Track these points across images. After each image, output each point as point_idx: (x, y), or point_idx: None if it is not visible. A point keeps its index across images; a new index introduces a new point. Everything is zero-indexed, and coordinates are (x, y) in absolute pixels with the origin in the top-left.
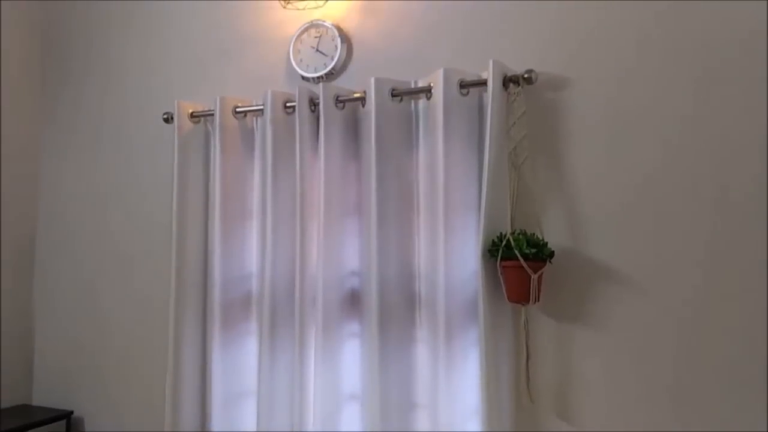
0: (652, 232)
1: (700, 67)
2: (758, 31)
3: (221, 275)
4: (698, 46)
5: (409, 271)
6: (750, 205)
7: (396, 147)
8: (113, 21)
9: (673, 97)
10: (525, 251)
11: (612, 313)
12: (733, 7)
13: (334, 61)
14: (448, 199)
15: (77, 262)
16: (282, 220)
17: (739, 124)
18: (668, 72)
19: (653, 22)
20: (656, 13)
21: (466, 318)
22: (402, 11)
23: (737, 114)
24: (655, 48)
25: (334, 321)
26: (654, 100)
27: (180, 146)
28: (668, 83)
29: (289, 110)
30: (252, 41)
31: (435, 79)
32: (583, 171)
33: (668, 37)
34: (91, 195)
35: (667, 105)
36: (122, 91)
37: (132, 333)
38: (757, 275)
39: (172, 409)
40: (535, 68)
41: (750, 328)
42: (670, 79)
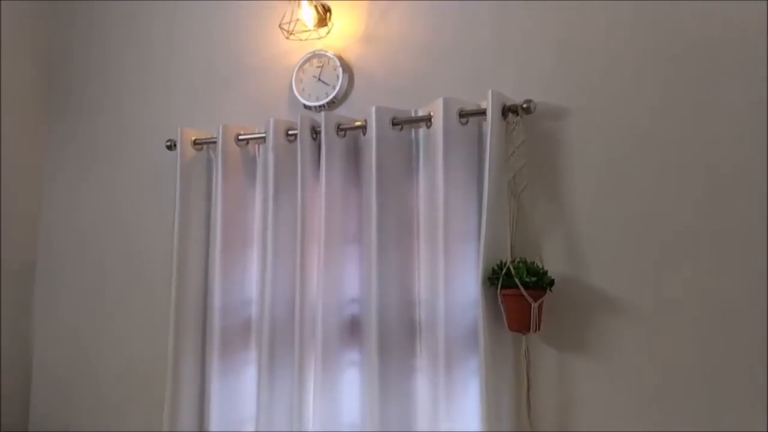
0: (652, 261)
1: (698, 96)
2: (759, 59)
3: (221, 302)
4: (696, 76)
5: (409, 298)
6: (751, 233)
7: (396, 175)
8: (117, 48)
9: (671, 126)
10: (525, 279)
11: (613, 342)
12: (733, 39)
13: (335, 91)
14: (448, 227)
15: (77, 287)
16: (282, 247)
17: (738, 153)
18: (666, 101)
19: (651, 52)
20: (654, 43)
21: (466, 346)
22: (402, 42)
23: (737, 142)
24: (653, 78)
25: (334, 349)
26: (652, 130)
27: (182, 173)
28: (666, 112)
29: (291, 138)
30: (255, 70)
31: (435, 109)
32: (583, 199)
33: (666, 67)
34: (92, 220)
35: (666, 134)
36: (125, 118)
37: (130, 360)
38: (758, 304)
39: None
40: (534, 98)
41: (751, 357)
42: (668, 108)
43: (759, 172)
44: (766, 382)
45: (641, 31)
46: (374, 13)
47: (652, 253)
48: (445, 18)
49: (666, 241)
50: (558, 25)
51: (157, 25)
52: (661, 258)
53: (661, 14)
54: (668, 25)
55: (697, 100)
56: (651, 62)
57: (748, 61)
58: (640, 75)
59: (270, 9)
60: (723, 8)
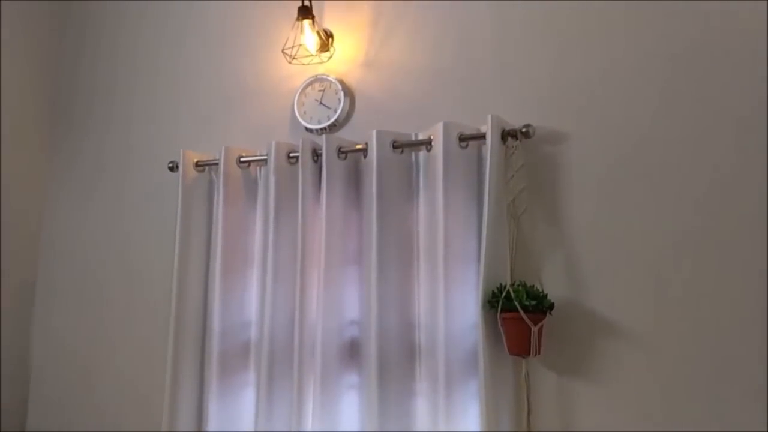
0: (652, 285)
1: (695, 121)
2: (758, 87)
3: (220, 323)
4: (695, 100)
5: (409, 321)
6: (751, 258)
7: (397, 197)
8: (122, 70)
9: (668, 151)
10: (525, 303)
11: (613, 366)
12: (734, 63)
13: (337, 114)
14: (448, 250)
15: (77, 306)
16: (283, 269)
17: (738, 177)
18: (663, 126)
19: (648, 78)
20: (652, 67)
21: (466, 370)
22: (403, 67)
23: (735, 168)
24: (651, 102)
25: (333, 372)
26: (650, 154)
27: (184, 194)
28: (664, 138)
29: (293, 160)
30: (258, 94)
31: (435, 132)
32: (582, 223)
33: (664, 90)
34: (94, 240)
35: (663, 158)
36: (129, 139)
37: (129, 381)
38: (759, 328)
39: None
40: (533, 122)
41: (752, 380)
42: (665, 133)
43: (758, 201)
44: (766, 406)
45: (638, 57)
46: (375, 39)
47: (652, 277)
48: (445, 44)
49: (666, 265)
50: (556, 51)
51: (163, 48)
52: (660, 282)
53: (658, 41)
54: (665, 50)
55: (695, 125)
56: (648, 88)
57: (747, 90)
58: (637, 101)
59: (273, 34)
60: (722, 37)
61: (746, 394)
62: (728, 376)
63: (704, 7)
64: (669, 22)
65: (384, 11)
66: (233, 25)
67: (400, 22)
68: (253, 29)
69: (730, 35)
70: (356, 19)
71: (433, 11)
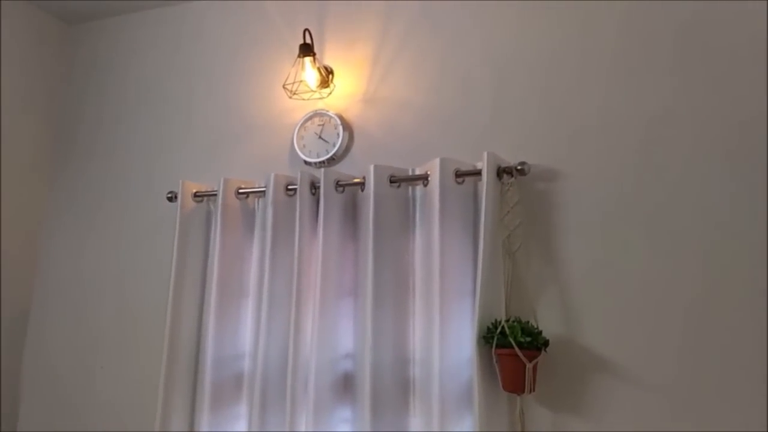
0: (646, 322)
1: (693, 159)
2: (757, 122)
3: (213, 354)
4: (691, 139)
5: (404, 355)
6: (748, 295)
7: (393, 231)
8: (123, 101)
9: (664, 188)
10: (520, 339)
11: (607, 404)
12: (732, 100)
13: (335, 148)
14: (444, 284)
15: (69, 337)
16: (278, 301)
17: (735, 216)
18: (660, 163)
19: (644, 115)
20: (647, 106)
21: (460, 405)
22: (401, 103)
23: (733, 204)
24: (646, 140)
25: (326, 406)
26: (645, 192)
27: (181, 224)
28: (660, 174)
29: (291, 193)
30: (258, 127)
31: (432, 168)
32: (577, 260)
33: (660, 129)
34: (89, 270)
35: (659, 196)
36: (127, 169)
37: (119, 412)
38: (755, 367)
39: None
40: (528, 160)
41: (749, 419)
42: (662, 170)
43: (756, 240)
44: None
45: (634, 96)
46: (375, 76)
47: (646, 314)
48: (443, 82)
49: (660, 302)
50: (552, 89)
51: (164, 79)
52: (654, 320)
53: (654, 80)
54: (662, 89)
55: (690, 164)
56: (643, 127)
57: (745, 127)
58: (631, 140)
59: (275, 69)
60: (720, 75)
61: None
62: (723, 414)
63: (704, 45)
64: (666, 61)
65: (383, 49)
66: (236, 60)
67: (399, 59)
68: (255, 64)
69: (728, 73)
70: (356, 56)
71: (432, 50)
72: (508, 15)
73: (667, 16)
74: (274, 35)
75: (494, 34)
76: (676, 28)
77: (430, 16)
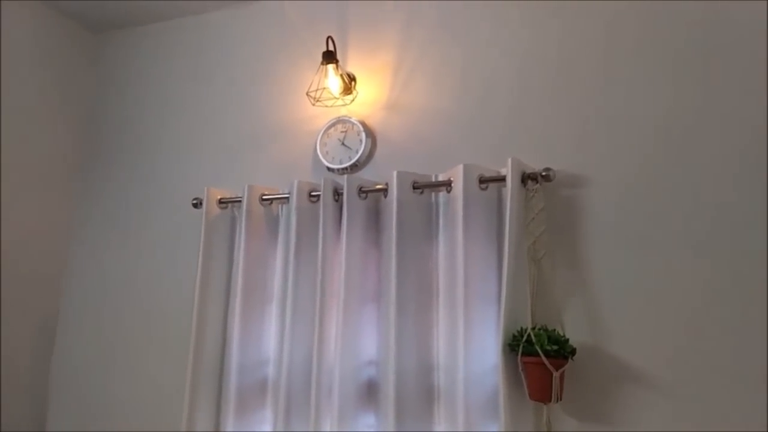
0: (676, 331)
1: (723, 163)
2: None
3: (238, 359)
4: (721, 143)
5: (428, 362)
6: None
7: (416, 237)
8: (149, 109)
9: (693, 193)
10: (546, 348)
11: (636, 414)
12: (761, 94)
13: (358, 154)
14: (468, 291)
15: (98, 339)
16: (302, 307)
17: (764, 219)
18: (687, 168)
19: (671, 120)
20: (674, 110)
21: (486, 414)
22: (424, 110)
23: (762, 208)
24: (673, 145)
25: (350, 413)
26: (673, 197)
27: (206, 230)
28: (688, 179)
29: (314, 199)
30: (282, 134)
31: (455, 174)
32: (604, 267)
33: (687, 133)
34: (116, 274)
35: (688, 201)
36: (154, 177)
37: (145, 416)
38: None
39: None
40: (553, 166)
41: None
42: (689, 175)
43: None
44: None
45: (660, 101)
46: (397, 83)
47: (676, 322)
48: (466, 87)
49: (689, 310)
50: (577, 95)
51: (190, 87)
52: (684, 328)
53: (681, 85)
54: (688, 94)
55: (720, 168)
56: (671, 131)
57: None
58: (658, 144)
59: (298, 76)
60: (748, 77)
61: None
62: (753, 424)
63: (731, 45)
64: (692, 62)
65: (406, 56)
66: (260, 67)
67: (422, 66)
68: (278, 72)
69: (757, 73)
70: (379, 63)
71: (453, 55)
72: (529, 19)
73: (691, 16)
74: (298, 43)
75: (516, 39)
76: (701, 28)
77: (452, 22)
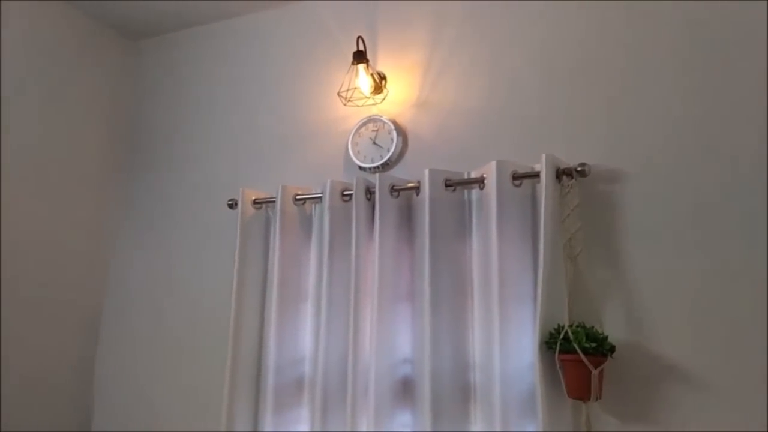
0: (716, 327)
1: (764, 155)
2: None
3: (275, 358)
4: (761, 136)
5: (463, 360)
6: None
7: (449, 235)
8: (185, 113)
9: (734, 186)
10: (584, 345)
11: (678, 412)
12: None
13: (389, 153)
14: (503, 288)
15: (139, 340)
16: (336, 305)
17: None
18: (726, 160)
19: (710, 113)
20: (714, 103)
21: (523, 412)
22: (454, 107)
23: None
24: (711, 138)
25: (386, 411)
26: (714, 191)
27: (242, 231)
28: (728, 171)
29: (346, 198)
30: (314, 134)
31: (488, 171)
32: (642, 263)
33: (727, 127)
34: (156, 277)
35: (727, 193)
36: (190, 179)
37: (186, 415)
38: None
39: None
40: (588, 161)
41: None
42: (729, 168)
43: None
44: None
45: (698, 93)
46: (427, 81)
47: (718, 319)
48: (496, 84)
49: (731, 306)
50: (612, 88)
51: (223, 91)
52: (725, 324)
53: (721, 77)
54: (729, 86)
55: (760, 160)
56: (710, 124)
57: None
58: (696, 137)
59: (329, 78)
60: None
61: None
62: None
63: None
64: (732, 57)
65: (436, 54)
66: (292, 69)
67: (451, 63)
68: (310, 73)
69: None
70: (409, 61)
71: (483, 52)
72: (558, 14)
73: (729, 7)
74: (329, 43)
75: (546, 34)
76: (742, 19)
77: (481, 19)
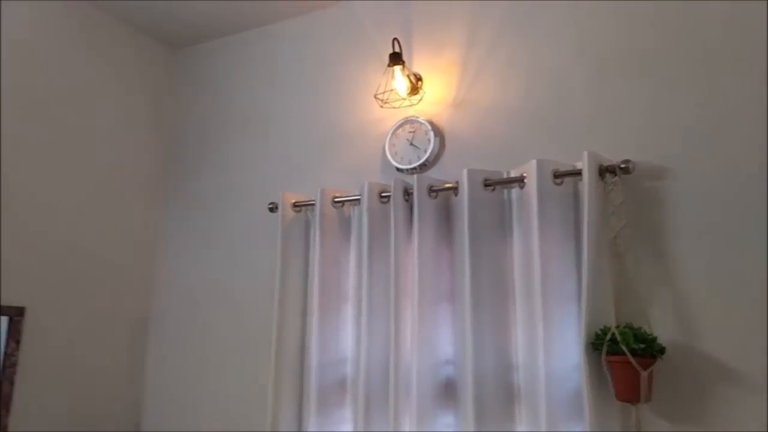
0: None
1: None
2: None
3: (318, 359)
4: None
5: (507, 361)
6: None
7: (489, 235)
8: (228, 119)
9: None
10: (633, 346)
11: (730, 414)
12: None
13: (427, 154)
14: (546, 288)
15: (186, 343)
16: (377, 306)
17: None
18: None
19: (756, 106)
20: (753, 96)
21: (569, 414)
22: (491, 106)
23: None
24: (759, 133)
25: (429, 412)
26: (760, 186)
27: (283, 233)
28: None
29: (385, 200)
30: (351, 137)
31: (528, 170)
32: (691, 261)
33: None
34: (201, 280)
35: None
36: (233, 184)
37: (232, 415)
38: None
39: None
40: (632, 157)
41: None
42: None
43: None
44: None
45: (743, 87)
46: (464, 81)
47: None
48: (535, 82)
49: None
50: (654, 84)
51: (263, 96)
52: None
53: (764, 71)
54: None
55: None
56: (756, 120)
57: None
58: (742, 132)
59: (365, 80)
60: None
61: None
62: None
63: None
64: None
65: (472, 53)
66: (329, 72)
67: (489, 62)
68: (347, 77)
69: None
70: (445, 61)
71: (522, 50)
72: (597, 10)
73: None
74: (365, 45)
75: (587, 30)
76: None
77: (519, 16)
